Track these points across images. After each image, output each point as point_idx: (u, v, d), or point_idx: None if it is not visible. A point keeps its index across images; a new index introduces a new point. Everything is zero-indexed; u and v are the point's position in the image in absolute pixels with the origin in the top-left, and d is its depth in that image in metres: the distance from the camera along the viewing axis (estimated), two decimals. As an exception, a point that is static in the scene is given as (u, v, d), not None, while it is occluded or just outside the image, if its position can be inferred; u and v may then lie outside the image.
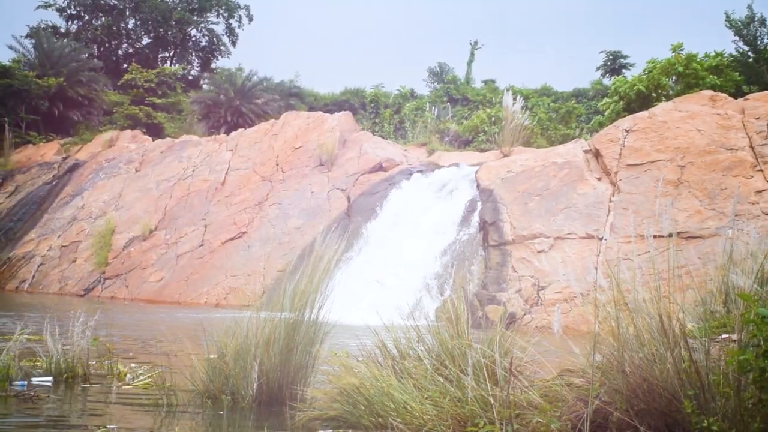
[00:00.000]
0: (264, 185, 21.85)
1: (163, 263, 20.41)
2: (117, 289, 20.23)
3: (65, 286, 21.23)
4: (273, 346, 6.09)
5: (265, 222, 20.37)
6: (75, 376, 7.09)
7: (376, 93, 32.18)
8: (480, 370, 4.66)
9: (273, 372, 6.09)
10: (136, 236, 21.80)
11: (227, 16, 45.86)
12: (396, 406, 4.83)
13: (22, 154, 28.66)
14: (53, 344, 7.13)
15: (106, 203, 23.86)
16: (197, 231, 21.02)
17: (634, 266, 4.73)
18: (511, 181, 17.26)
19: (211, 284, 18.90)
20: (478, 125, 25.78)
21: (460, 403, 4.56)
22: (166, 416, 5.81)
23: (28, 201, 25.60)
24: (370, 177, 20.51)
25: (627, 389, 4.21)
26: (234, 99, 30.13)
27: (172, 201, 22.80)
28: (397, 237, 17.31)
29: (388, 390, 4.96)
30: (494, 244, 15.84)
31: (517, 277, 14.90)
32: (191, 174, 23.64)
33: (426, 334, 5.68)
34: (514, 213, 16.28)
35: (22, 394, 6.35)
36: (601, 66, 33.13)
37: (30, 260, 22.92)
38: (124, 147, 27.20)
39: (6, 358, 6.80)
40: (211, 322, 7.63)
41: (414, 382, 5.07)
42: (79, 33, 42.43)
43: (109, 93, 34.72)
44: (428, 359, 5.32)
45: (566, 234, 15.33)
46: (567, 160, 17.05)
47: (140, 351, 9.71)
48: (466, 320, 5.45)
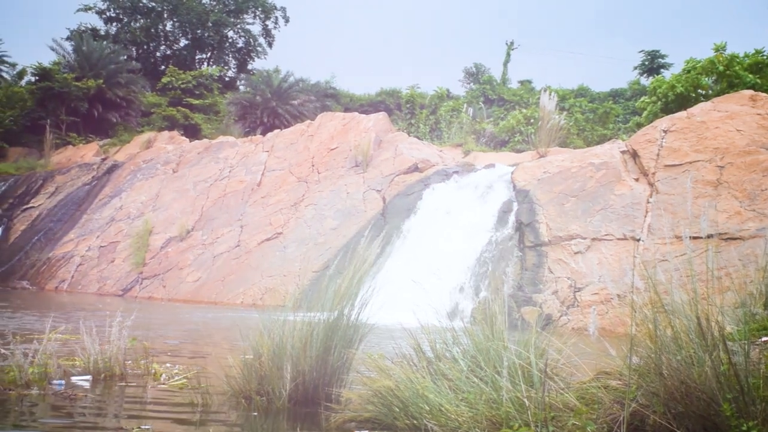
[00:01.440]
0: (300, 186, 21.93)
1: (199, 263, 20.56)
2: (154, 289, 20.42)
3: (104, 286, 21.47)
4: (310, 347, 6.10)
5: (301, 223, 20.44)
6: (112, 376, 7.16)
7: (412, 94, 32.16)
8: (515, 371, 4.62)
9: (309, 373, 6.10)
10: (173, 237, 21.99)
11: (263, 18, 46.19)
12: (431, 407, 4.81)
13: (62, 156, 29.05)
14: (91, 344, 7.21)
15: (144, 204, 24.10)
16: (233, 231, 21.15)
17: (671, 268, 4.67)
18: (547, 181, 17.15)
19: (248, 284, 19.00)
20: (514, 126, 25.65)
21: (496, 405, 4.54)
22: (201, 416, 5.85)
23: (67, 202, 25.94)
24: (406, 178, 20.48)
25: (664, 392, 4.16)
26: (270, 100, 30.30)
27: (209, 202, 22.97)
28: (432, 238, 17.27)
29: (422, 392, 4.94)
30: (530, 245, 15.75)
31: (554, 278, 14.81)
32: (228, 175, 23.79)
33: (461, 335, 5.66)
34: (551, 214, 16.18)
35: (61, 393, 6.43)
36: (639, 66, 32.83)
37: (69, 260, 23.22)
38: (162, 148, 27.46)
39: (44, 357, 6.89)
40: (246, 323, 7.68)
41: (449, 383, 5.05)
42: (118, 35, 42.98)
43: (147, 94, 35.12)
44: (463, 361, 5.29)
45: (603, 235, 15.20)
46: (604, 161, 16.90)
47: (176, 351, 9.79)
48: (502, 321, 5.42)
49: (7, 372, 6.70)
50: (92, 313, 13.29)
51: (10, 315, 14.04)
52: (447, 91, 33.69)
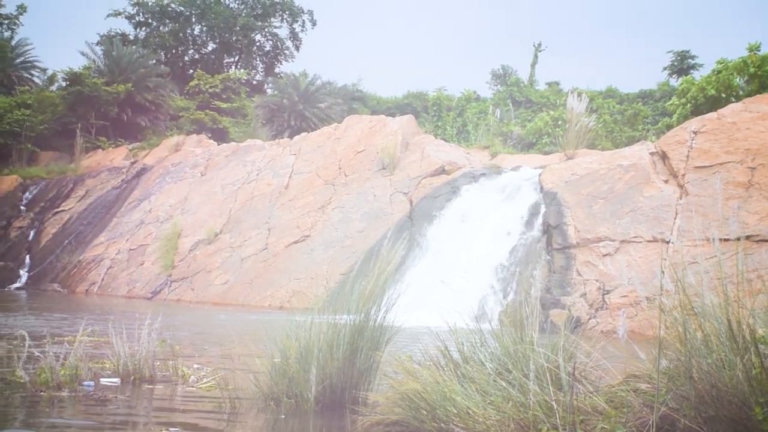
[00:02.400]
0: (327, 189, 21.97)
1: (227, 266, 20.67)
2: (183, 292, 20.55)
3: (133, 289, 21.64)
4: (336, 349, 6.10)
5: (328, 225, 20.48)
6: (141, 378, 7.21)
7: (439, 96, 32.11)
8: (543, 374, 4.60)
9: (336, 375, 6.10)
10: (201, 240, 22.12)
11: (291, 21, 46.37)
12: (458, 411, 4.80)
13: (92, 159, 29.34)
14: (120, 346, 7.27)
15: (173, 207, 24.27)
16: (261, 234, 21.24)
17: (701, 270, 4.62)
18: (575, 183, 17.06)
19: (275, 287, 19.07)
20: (542, 128, 25.53)
21: (523, 408, 4.52)
22: (229, 419, 5.87)
23: (97, 205, 26.18)
24: (433, 180, 20.46)
25: (695, 395, 4.12)
26: (297, 103, 30.39)
27: (237, 205, 23.08)
28: (459, 240, 17.24)
29: (450, 395, 4.93)
30: (558, 248, 15.68)
31: (582, 280, 14.72)
32: (255, 178, 23.90)
33: (489, 337, 5.64)
34: (579, 216, 16.09)
35: (91, 395, 6.49)
36: (668, 66, 32.55)
37: (99, 263, 23.43)
38: (190, 151, 27.64)
39: (74, 359, 6.96)
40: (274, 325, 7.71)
41: (476, 386, 5.03)
42: (147, 40, 43.35)
43: (175, 98, 35.38)
44: (490, 364, 5.27)
45: (632, 237, 15.09)
46: (633, 163, 16.78)
47: (205, 353, 9.85)
48: (530, 324, 5.39)
49: (39, 374, 6.78)
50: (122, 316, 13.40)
51: (41, 317, 14.21)
52: (474, 93, 33.60)
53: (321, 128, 26.41)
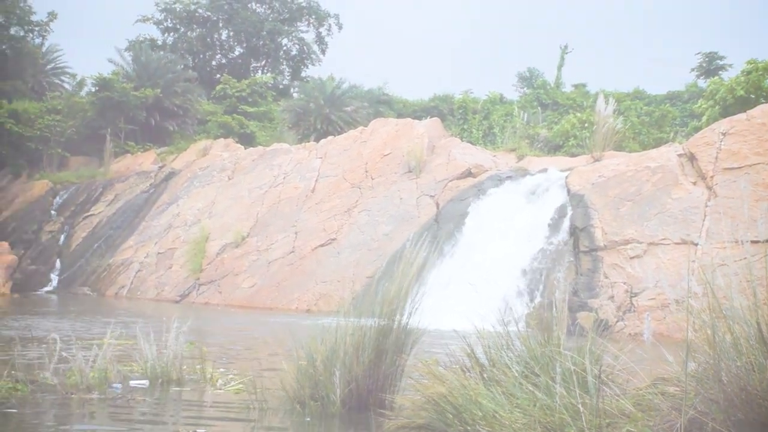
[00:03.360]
0: (353, 192, 22.00)
1: (255, 269, 20.75)
2: (211, 295, 20.66)
3: (161, 292, 21.79)
4: (362, 353, 6.11)
5: (355, 228, 20.50)
6: (169, 381, 7.26)
7: (465, 99, 32.03)
8: (570, 377, 4.57)
9: (362, 378, 6.11)
10: (228, 243, 22.22)
11: (317, 25, 46.53)
12: (484, 414, 4.78)
13: (121, 164, 29.58)
14: (149, 349, 7.32)
15: (201, 211, 24.41)
16: (288, 238, 21.30)
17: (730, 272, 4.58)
18: (602, 185, 16.96)
19: (302, 290, 19.12)
20: (569, 130, 25.40)
21: (550, 411, 4.49)
22: (256, 421, 5.90)
23: (126, 209, 26.39)
24: (459, 183, 20.42)
25: (724, 399, 4.08)
26: (323, 107, 30.46)
27: (264, 208, 23.17)
28: (486, 243, 17.19)
29: (476, 398, 4.91)
30: (585, 250, 15.59)
31: (609, 283, 14.63)
32: (282, 181, 23.98)
33: (515, 340, 5.62)
34: (606, 218, 15.99)
35: (120, 398, 6.55)
36: (696, 68, 32.25)
37: (128, 267, 23.62)
38: (218, 155, 27.78)
39: (104, 361, 7.02)
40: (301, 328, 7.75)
41: (502, 389, 5.01)
42: (175, 45, 43.69)
43: (202, 103, 35.59)
44: (517, 366, 5.25)
45: (660, 239, 14.97)
46: (660, 164, 16.66)
47: (232, 356, 9.89)
48: (557, 327, 5.37)
49: (69, 376, 6.84)
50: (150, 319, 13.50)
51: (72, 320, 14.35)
52: (500, 96, 33.50)
53: (347, 132, 26.45)
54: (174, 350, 7.39)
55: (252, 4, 46.07)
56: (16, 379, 6.69)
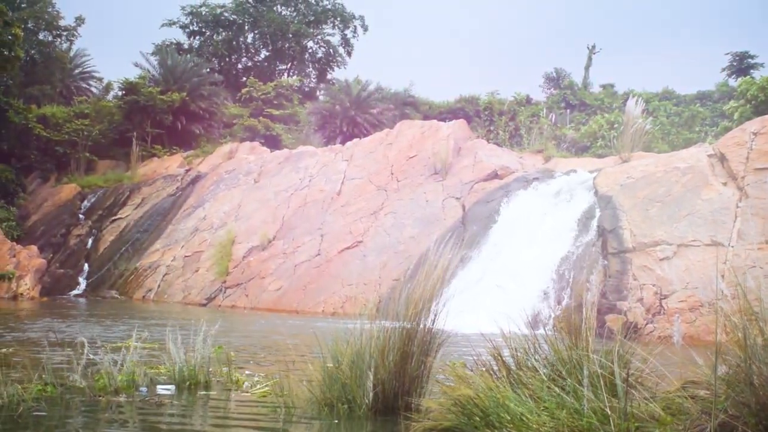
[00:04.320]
0: (379, 194, 21.99)
1: (281, 272, 20.78)
2: (237, 298, 20.72)
3: (188, 296, 21.88)
4: (388, 355, 6.09)
5: (381, 231, 20.49)
6: (196, 384, 7.27)
7: (491, 100, 31.97)
8: (598, 381, 4.52)
9: (388, 381, 6.08)
10: (255, 246, 22.28)
11: (342, 27, 46.65)
12: (512, 417, 4.74)
13: (147, 167, 29.76)
14: (176, 352, 7.33)
15: (227, 214, 24.50)
16: (314, 240, 21.32)
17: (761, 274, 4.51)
18: (630, 187, 16.82)
19: (328, 293, 19.11)
20: (596, 131, 25.26)
21: (578, 415, 4.44)
22: (283, 424, 5.89)
23: (153, 212, 26.55)
24: (485, 185, 20.35)
25: (755, 402, 4.01)
26: (349, 109, 30.52)
27: (290, 211, 23.22)
28: (513, 245, 17.10)
29: (503, 401, 4.87)
30: (613, 252, 15.46)
31: (638, 285, 14.49)
32: (308, 184, 24.03)
33: (542, 343, 5.56)
34: (635, 220, 15.85)
35: (147, 401, 6.57)
36: (726, 67, 31.95)
37: (155, 270, 23.75)
38: (244, 158, 27.89)
39: (131, 365, 7.04)
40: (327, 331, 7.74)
41: (530, 392, 4.97)
42: (201, 48, 43.98)
43: (228, 106, 35.80)
44: (544, 369, 5.20)
45: (690, 241, 14.81)
46: (690, 165, 16.49)
47: (259, 359, 9.90)
48: (586, 330, 5.31)
49: (97, 379, 6.88)
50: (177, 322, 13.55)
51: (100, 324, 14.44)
52: (527, 97, 33.40)
53: (373, 134, 26.48)
54: (201, 353, 7.40)
55: (277, 7, 46.29)
56: (46, 381, 6.73)
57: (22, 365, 7.08)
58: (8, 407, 6.13)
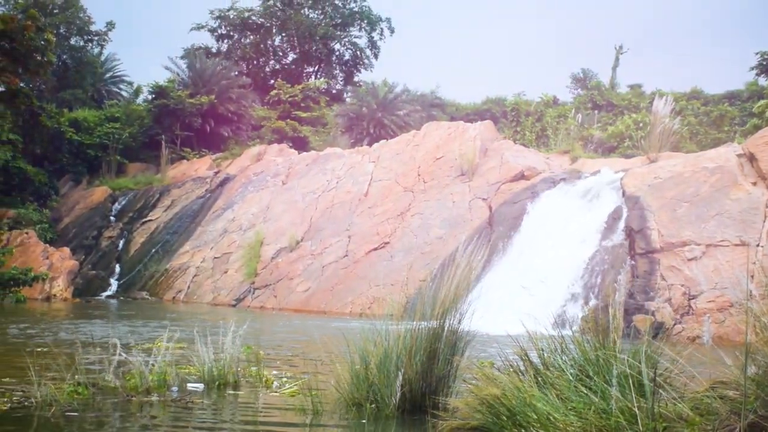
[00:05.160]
0: (406, 196, 22.02)
1: (309, 273, 20.86)
2: (266, 299, 20.82)
3: (217, 297, 22.03)
4: (415, 355, 6.12)
5: (407, 232, 20.51)
6: (226, 383, 7.34)
7: (517, 101, 31.89)
8: (625, 381, 4.53)
9: (415, 381, 6.12)
10: (283, 247, 22.39)
11: (369, 30, 46.64)
12: (539, 416, 4.76)
13: (177, 170, 29.98)
14: (206, 352, 7.41)
15: (255, 215, 24.63)
16: (341, 242, 21.39)
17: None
18: (658, 187, 16.73)
19: (356, 294, 19.16)
20: (624, 131, 25.13)
21: (605, 415, 4.46)
22: (312, 423, 5.94)
23: (183, 214, 26.75)
24: (512, 186, 20.31)
25: (784, 403, 4.01)
26: (376, 111, 30.57)
27: (317, 212, 23.30)
28: (540, 246, 17.06)
29: (530, 400, 4.89)
30: (641, 252, 15.38)
31: (666, 285, 14.41)
32: (335, 186, 24.10)
33: (569, 343, 5.57)
34: (662, 220, 15.77)
35: (178, 400, 6.65)
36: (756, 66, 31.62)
37: (185, 271, 23.93)
38: (272, 161, 28.02)
39: (163, 365, 7.13)
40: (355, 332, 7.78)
41: (557, 392, 4.98)
42: (229, 52, 44.21)
43: (256, 108, 35.96)
44: (571, 369, 5.22)
45: (718, 241, 14.71)
46: (719, 165, 16.37)
47: (287, 359, 9.96)
48: (614, 330, 5.31)
49: (129, 379, 6.97)
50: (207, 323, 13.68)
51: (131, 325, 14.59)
52: (553, 98, 33.27)
53: (400, 135, 26.49)
54: (230, 353, 7.47)
55: (305, 10, 46.41)
56: (78, 382, 6.82)
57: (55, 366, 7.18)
58: (42, 407, 6.23)
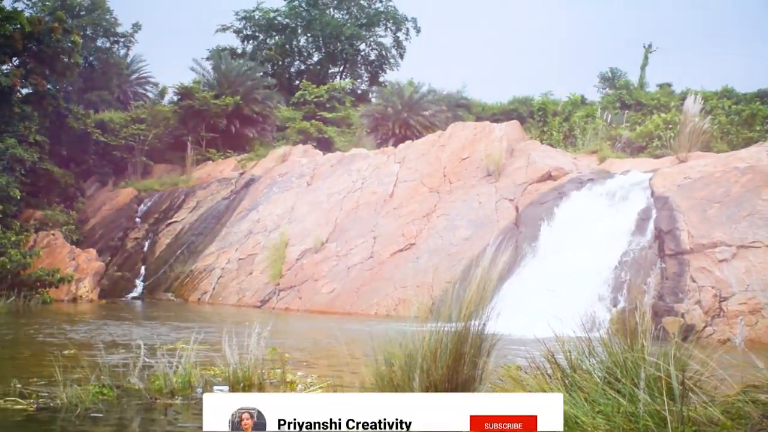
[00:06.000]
0: (431, 196, 21.92)
1: (334, 275, 20.82)
2: (291, 301, 20.81)
3: (243, 298, 22.05)
4: (440, 358, 6.04)
5: (433, 233, 20.41)
6: (251, 385, 7.31)
7: (544, 101, 31.65)
8: (654, 384, 4.42)
9: (441, 383, 6.03)
10: (308, 249, 22.36)
11: (395, 30, 46.63)
12: (566, 419, 4.66)
13: (202, 171, 30.09)
14: (230, 354, 7.38)
15: (280, 217, 24.63)
16: (366, 243, 21.33)
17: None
18: (688, 187, 16.52)
19: (381, 295, 19.10)
20: (653, 131, 24.86)
21: (634, 418, 4.35)
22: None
23: (208, 216, 26.82)
24: (539, 186, 20.16)
25: (820, 408, 3.88)
26: (401, 111, 30.49)
27: (342, 213, 23.26)
28: (567, 247, 16.90)
29: (557, 403, 4.79)
30: (671, 254, 15.18)
31: (697, 287, 14.21)
32: (360, 186, 24.05)
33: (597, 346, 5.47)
34: (692, 221, 15.56)
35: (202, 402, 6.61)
36: (788, 63, 31.18)
37: (210, 273, 23.98)
38: (296, 161, 28.03)
39: (187, 366, 7.10)
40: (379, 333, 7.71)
41: (584, 395, 4.89)
42: (254, 53, 44.36)
43: (281, 109, 36.04)
44: (599, 372, 5.11)
45: (750, 242, 14.48)
46: (750, 165, 16.14)
47: (312, 361, 9.93)
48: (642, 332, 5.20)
49: (153, 381, 6.96)
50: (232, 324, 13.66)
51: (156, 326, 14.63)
52: (581, 98, 33.00)
53: (425, 136, 26.39)
54: (255, 355, 7.44)
55: (330, 10, 46.47)
56: (103, 383, 6.83)
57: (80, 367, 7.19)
58: (68, 408, 6.23)
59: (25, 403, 6.53)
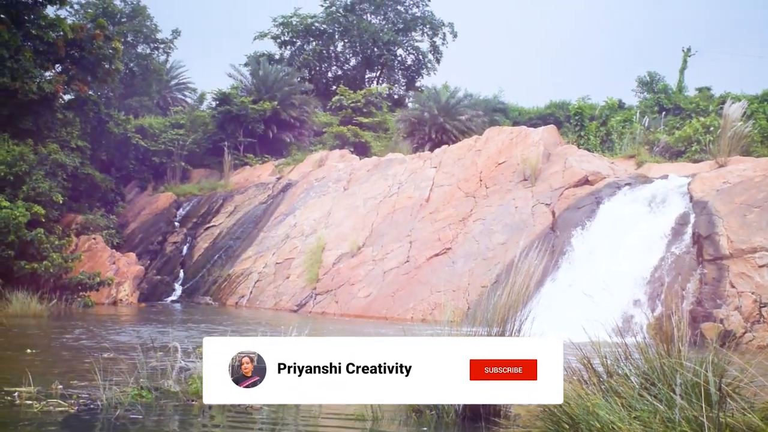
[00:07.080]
0: (467, 201, 21.90)
1: (370, 279, 20.87)
2: (327, 305, 20.89)
3: (279, 302, 22.18)
4: (476, 362, 6.05)
5: (469, 238, 20.39)
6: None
7: (581, 105, 31.45)
8: (692, 390, 4.40)
9: (476, 388, 6.05)
10: (344, 253, 22.44)
11: (432, 35, 46.66)
12: (602, 425, 4.66)
13: (240, 176, 30.34)
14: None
15: (317, 221, 24.75)
16: (403, 247, 21.36)
17: None
18: (727, 192, 16.34)
19: (417, 300, 19.11)
20: (691, 135, 24.61)
21: (671, 424, 4.34)
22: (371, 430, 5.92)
23: (245, 220, 27.03)
24: (576, 191, 20.05)
25: None
26: (438, 116, 30.47)
27: (379, 218, 23.32)
28: (604, 252, 16.80)
29: (593, 409, 4.80)
30: (709, 259, 15.02)
31: (736, 293, 14.05)
32: (396, 191, 24.09)
33: (633, 351, 5.46)
34: (732, 226, 15.38)
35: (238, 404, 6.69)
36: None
37: (248, 277, 24.16)
38: (333, 166, 28.15)
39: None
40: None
41: (621, 401, 4.88)
42: (292, 58, 44.62)
43: (318, 114, 36.21)
44: (636, 377, 5.10)
45: (791, 248, 14.29)
46: (791, 169, 15.93)
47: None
48: (680, 338, 5.18)
49: (190, 383, 7.05)
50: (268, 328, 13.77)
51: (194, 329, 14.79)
52: (619, 102, 32.76)
53: (461, 140, 26.36)
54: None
55: (367, 16, 46.61)
56: (141, 386, 6.93)
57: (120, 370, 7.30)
58: (107, 410, 6.34)
59: (67, 404, 6.65)
